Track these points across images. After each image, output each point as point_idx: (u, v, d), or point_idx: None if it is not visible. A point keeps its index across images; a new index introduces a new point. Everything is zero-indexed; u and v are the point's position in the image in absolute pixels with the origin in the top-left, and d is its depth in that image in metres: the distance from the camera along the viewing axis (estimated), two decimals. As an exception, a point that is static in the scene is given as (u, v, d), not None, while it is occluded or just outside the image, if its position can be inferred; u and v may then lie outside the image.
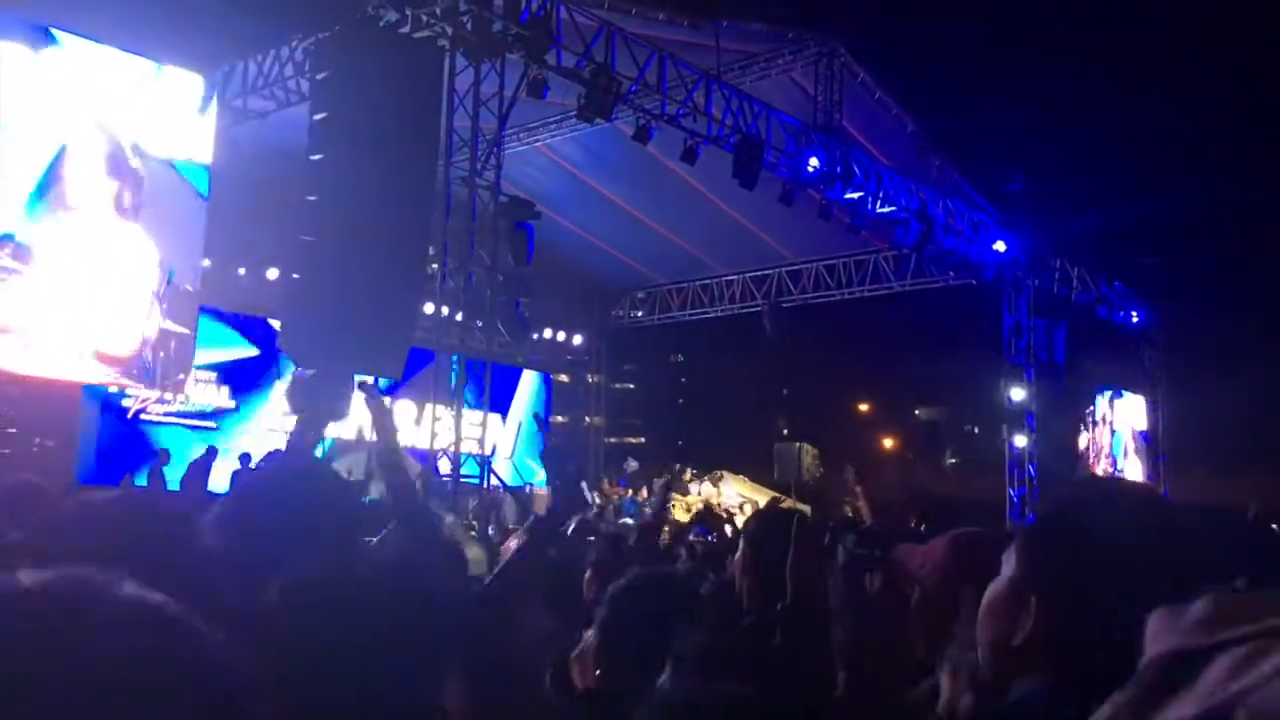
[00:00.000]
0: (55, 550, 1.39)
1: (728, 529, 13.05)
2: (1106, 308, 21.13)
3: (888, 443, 37.44)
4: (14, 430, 16.03)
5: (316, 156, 10.84)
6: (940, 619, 1.76)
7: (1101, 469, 22.35)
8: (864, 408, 37.60)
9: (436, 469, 13.17)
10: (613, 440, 25.94)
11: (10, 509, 2.96)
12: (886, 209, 16.48)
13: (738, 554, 3.41)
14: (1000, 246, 18.40)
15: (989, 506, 18.87)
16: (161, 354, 13.45)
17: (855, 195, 15.94)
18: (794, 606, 2.26)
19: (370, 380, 6.34)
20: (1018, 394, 19.79)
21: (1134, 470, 23.60)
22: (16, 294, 11.87)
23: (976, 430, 33.85)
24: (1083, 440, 22.08)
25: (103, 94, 12.65)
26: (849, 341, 27.81)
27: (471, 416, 13.48)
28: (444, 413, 13.33)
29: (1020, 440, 19.81)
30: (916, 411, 38.91)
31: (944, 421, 37.90)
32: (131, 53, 12.94)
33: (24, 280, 11.94)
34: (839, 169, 15.37)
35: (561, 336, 22.71)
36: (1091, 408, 22.20)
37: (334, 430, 16.72)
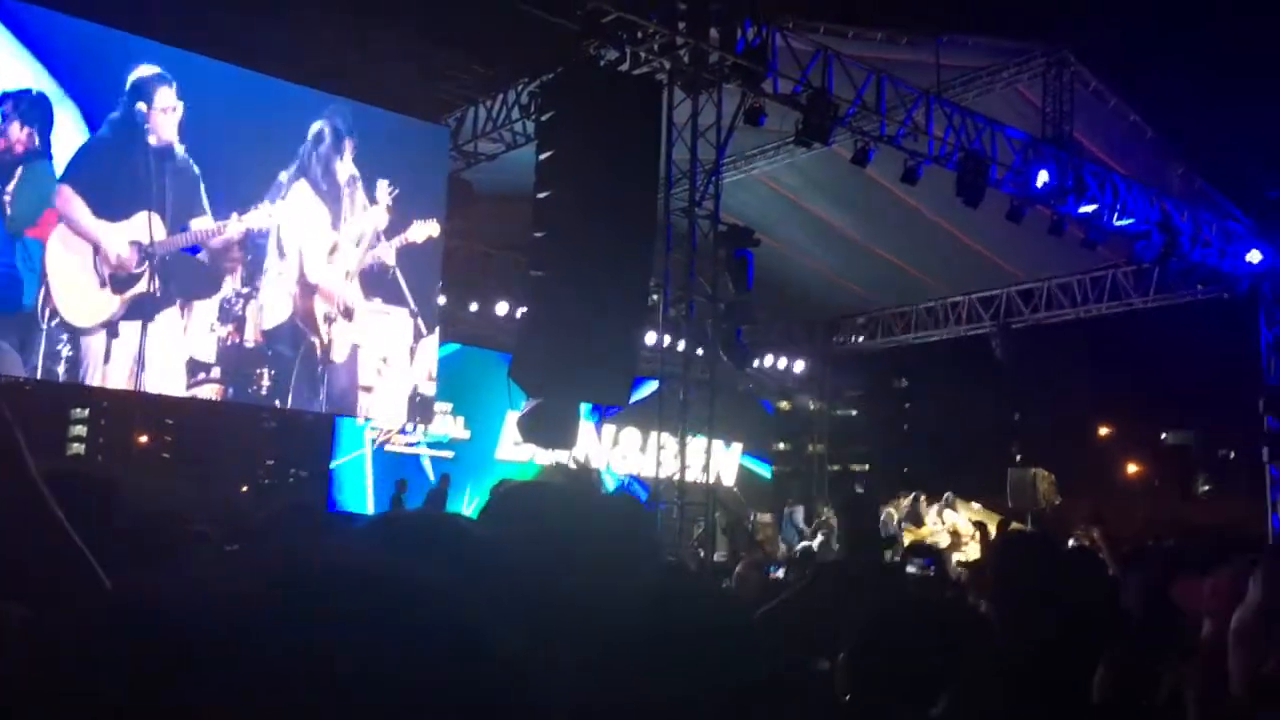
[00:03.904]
0: None
1: (955, 558, 12.63)
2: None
3: (1131, 469, 35.32)
4: (273, 462, 17.31)
5: (543, 194, 11.24)
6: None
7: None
8: (1104, 432, 35.61)
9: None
10: (836, 468, 25.55)
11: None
12: (1125, 221, 15.64)
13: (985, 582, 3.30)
14: (1255, 256, 17.12)
15: (1250, 537, 17.49)
16: (408, 391, 14.28)
17: (1090, 209, 15.20)
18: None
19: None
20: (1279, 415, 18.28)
21: None
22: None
23: (1232, 455, 31.48)
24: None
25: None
26: (1086, 362, 26.49)
27: (697, 444, 13.60)
28: (669, 440, 13.50)
29: (1283, 465, 18.27)
30: (1163, 436, 36.53)
31: (1195, 446, 35.41)
32: (384, 108, 13.92)
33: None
34: (1071, 182, 14.71)
35: (783, 363, 22.60)
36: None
37: (561, 458, 17.23)
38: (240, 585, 0.68)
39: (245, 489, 18.06)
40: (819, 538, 17.23)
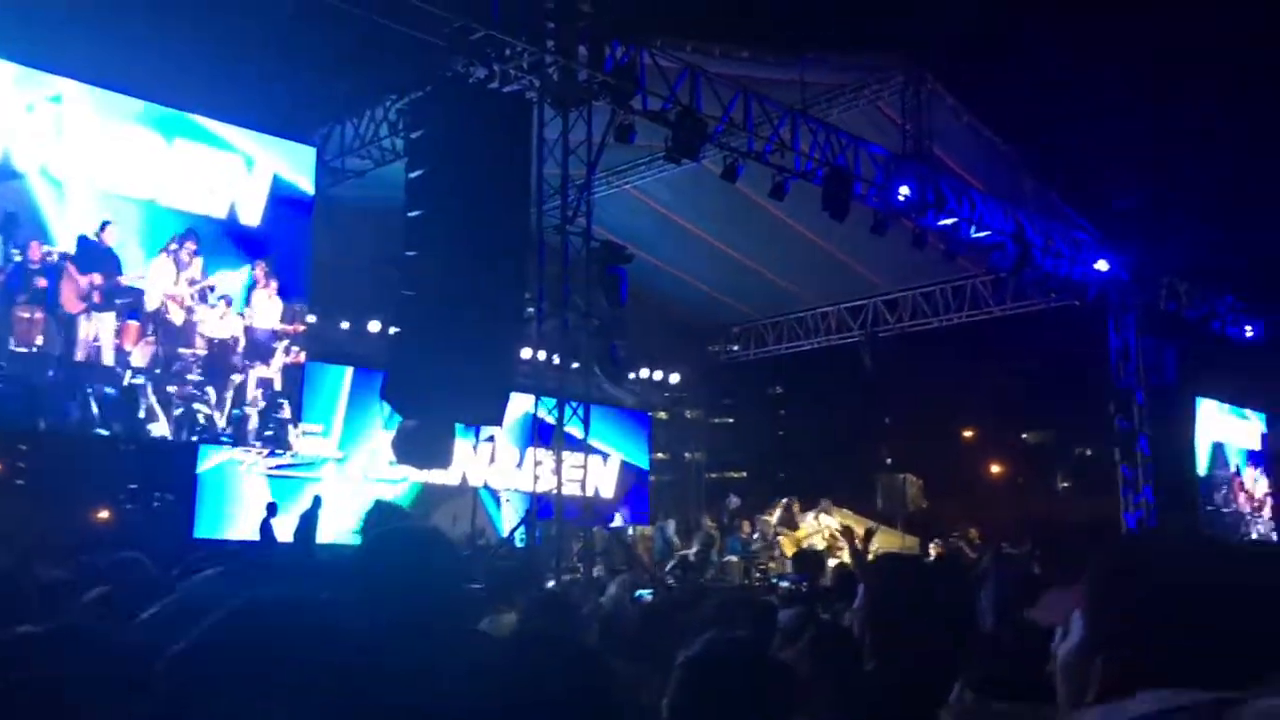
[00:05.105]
0: None
1: (831, 563, 12.89)
2: (1219, 322, 20.39)
3: (995, 469, 36.62)
4: (135, 486, 16.65)
5: (414, 213, 11.12)
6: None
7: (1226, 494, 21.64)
8: (969, 434, 36.84)
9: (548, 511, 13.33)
10: (714, 476, 25.80)
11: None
12: (981, 234, 16.24)
13: (858, 603, 3.35)
14: (1102, 265, 17.97)
15: (1105, 531, 18.32)
16: (274, 413, 13.91)
17: (949, 221, 15.74)
18: None
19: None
20: (1128, 416, 19.22)
21: (1260, 489, 22.79)
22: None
23: (1089, 453, 32.89)
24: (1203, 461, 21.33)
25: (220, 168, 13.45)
26: (950, 368, 27.31)
27: (574, 458, 13.59)
28: (545, 456, 13.47)
29: (1133, 463, 19.21)
30: (1024, 436, 38.00)
31: (1053, 445, 36.94)
32: (242, 125, 13.55)
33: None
34: (930, 196, 15.21)
35: (659, 375, 22.77)
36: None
37: (436, 476, 17.02)
38: None
39: (106, 515, 17.37)
40: (696, 546, 17.42)
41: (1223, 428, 22.29)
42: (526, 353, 15.42)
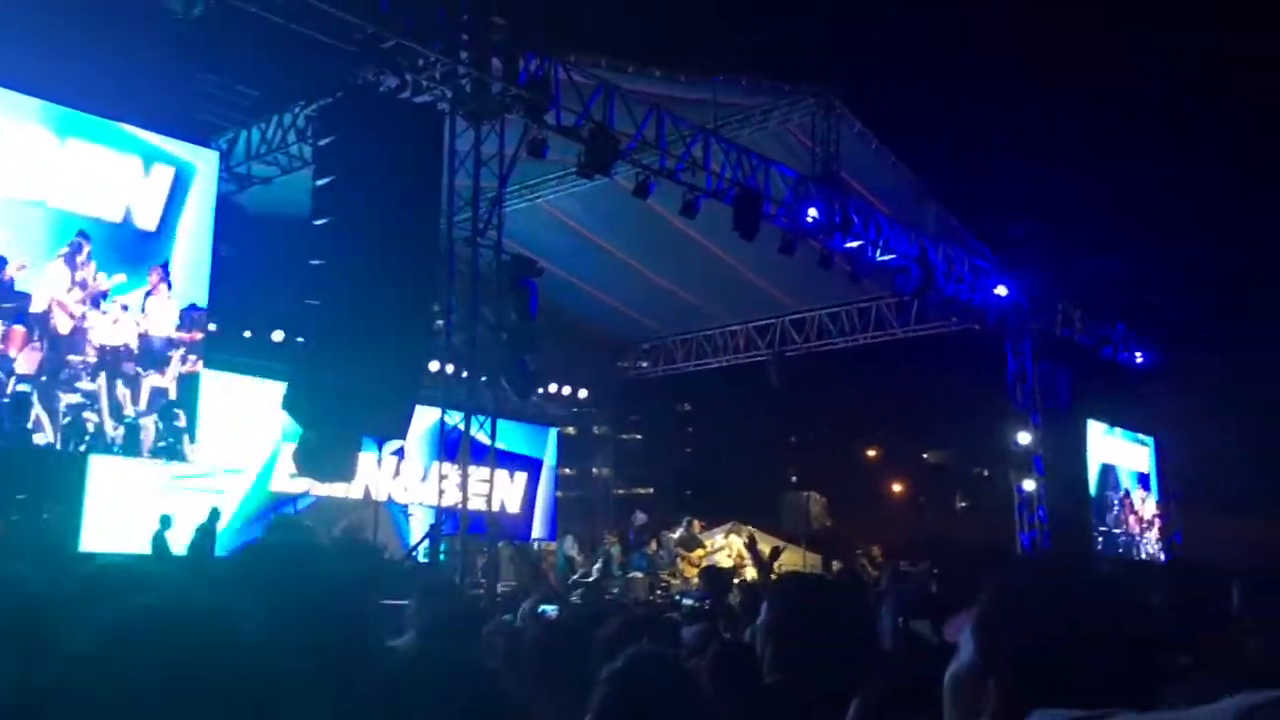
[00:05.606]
0: None
1: (736, 581, 12.95)
2: (1111, 349, 21.11)
3: (897, 487, 37.27)
4: (23, 497, 16.01)
5: (321, 221, 10.93)
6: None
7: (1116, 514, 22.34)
8: (872, 453, 37.46)
9: (453, 524, 13.17)
10: (621, 491, 25.80)
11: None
12: (886, 257, 16.55)
13: (761, 619, 3.35)
14: (1001, 291, 18.45)
15: (1002, 549, 18.75)
16: (169, 422, 13.52)
17: (855, 244, 16.02)
18: None
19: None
20: (1024, 438, 19.73)
21: (1148, 510, 23.59)
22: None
23: (986, 473, 33.61)
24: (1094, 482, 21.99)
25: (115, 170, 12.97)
26: (854, 388, 27.77)
27: (480, 473, 13.47)
28: (451, 470, 13.32)
29: (1028, 484, 19.72)
30: (925, 456, 38.72)
31: (953, 465, 37.70)
32: (141, 126, 13.16)
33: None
34: (838, 219, 15.46)
35: (568, 390, 22.70)
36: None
37: (339, 490, 16.70)
38: None
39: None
40: (597, 563, 17.39)
41: (1112, 450, 23.02)
42: (434, 365, 15.25)
